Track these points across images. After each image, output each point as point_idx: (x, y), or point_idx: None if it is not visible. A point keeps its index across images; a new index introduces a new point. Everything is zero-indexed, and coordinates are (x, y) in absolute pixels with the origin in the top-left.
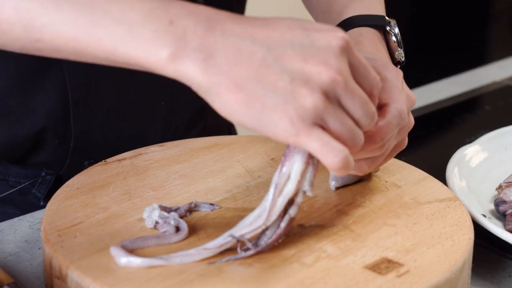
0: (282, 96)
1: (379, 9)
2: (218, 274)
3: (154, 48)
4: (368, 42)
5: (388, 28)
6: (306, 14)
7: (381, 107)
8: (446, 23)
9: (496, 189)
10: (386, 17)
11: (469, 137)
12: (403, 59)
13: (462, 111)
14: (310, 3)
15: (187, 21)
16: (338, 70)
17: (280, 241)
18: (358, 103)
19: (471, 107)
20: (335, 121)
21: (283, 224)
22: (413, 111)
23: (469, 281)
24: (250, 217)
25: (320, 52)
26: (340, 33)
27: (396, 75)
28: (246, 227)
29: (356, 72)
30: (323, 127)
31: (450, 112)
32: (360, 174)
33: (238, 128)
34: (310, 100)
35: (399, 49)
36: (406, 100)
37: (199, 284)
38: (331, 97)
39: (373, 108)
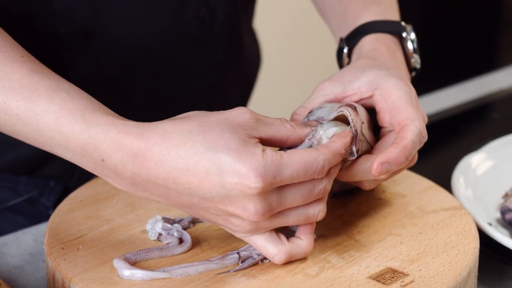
0: (215, 221)
1: (393, 15)
2: (221, 286)
3: (100, 175)
4: (385, 49)
5: (404, 34)
6: (314, 14)
7: (402, 127)
8: (453, 30)
9: (502, 197)
10: (402, 23)
11: (476, 145)
12: (419, 66)
13: (469, 118)
14: (324, 9)
15: (115, 162)
16: (257, 214)
17: None
18: (297, 203)
19: (478, 114)
20: (276, 225)
21: None
22: None
23: None
24: None
25: (236, 200)
26: (254, 182)
27: (409, 92)
28: (254, 249)
29: (291, 184)
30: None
31: (456, 120)
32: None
33: None
34: (240, 228)
35: (415, 55)
36: (422, 117)
37: None
38: (261, 223)
39: (318, 189)
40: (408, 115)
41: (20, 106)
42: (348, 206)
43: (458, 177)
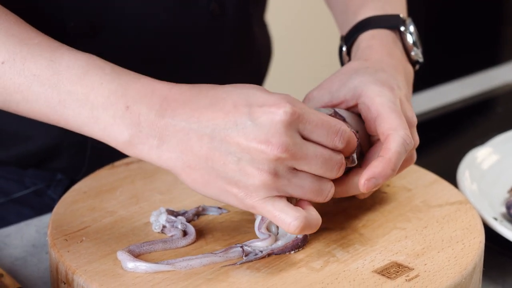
0: (231, 177)
1: (397, 8)
2: (225, 279)
3: (113, 134)
4: (380, 46)
5: (402, 28)
6: (324, 10)
7: (386, 138)
8: (457, 24)
9: (508, 191)
10: (401, 16)
11: (481, 140)
12: (420, 59)
13: (473, 113)
14: (330, 4)
15: (140, 106)
16: (281, 147)
17: (292, 252)
18: (315, 165)
19: (482, 109)
20: (291, 188)
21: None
22: (424, 114)
23: (480, 285)
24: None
25: (262, 130)
26: (284, 107)
27: (392, 99)
28: (259, 244)
29: (313, 135)
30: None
31: (461, 114)
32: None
33: None
34: (258, 179)
35: (415, 48)
36: (406, 124)
37: None
38: (280, 172)
39: (336, 160)
40: (390, 124)
41: (40, 65)
42: (352, 200)
43: (464, 171)
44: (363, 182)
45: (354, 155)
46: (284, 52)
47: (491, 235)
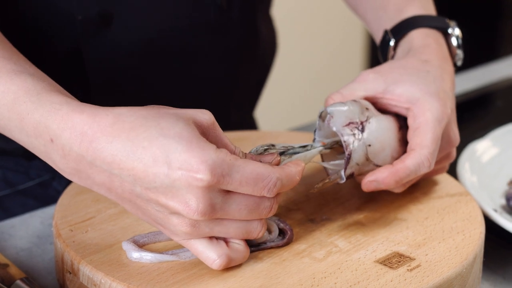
0: (155, 219)
1: (432, 9)
2: (229, 269)
3: (50, 162)
4: (436, 45)
5: (450, 30)
6: (330, 4)
7: (409, 151)
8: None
9: (507, 184)
10: (446, 19)
11: (481, 133)
12: (460, 62)
13: (473, 106)
14: (357, 0)
15: (62, 141)
16: (198, 212)
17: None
18: (239, 216)
19: (482, 102)
20: (215, 233)
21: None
22: None
23: (481, 276)
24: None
25: (180, 193)
26: (202, 173)
27: (440, 118)
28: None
29: (239, 191)
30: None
31: (461, 108)
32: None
33: (259, 125)
34: (179, 229)
35: (458, 51)
36: (435, 149)
37: (210, 278)
38: (201, 225)
39: (264, 206)
40: (421, 141)
41: None
42: (354, 191)
43: (464, 163)
44: (365, 182)
45: (342, 172)
46: (289, 46)
47: (491, 226)
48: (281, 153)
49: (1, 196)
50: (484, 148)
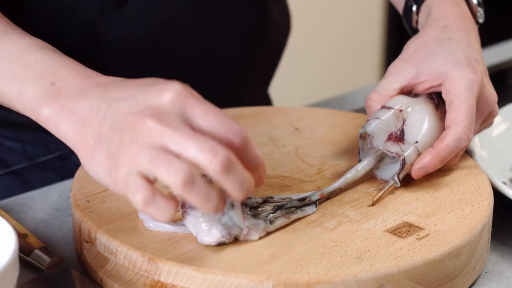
0: (114, 151)
1: None
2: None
3: (34, 107)
4: (453, 7)
5: None
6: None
7: (446, 129)
8: None
9: None
10: None
11: None
12: (482, 20)
13: None
14: None
15: (65, 84)
16: (171, 101)
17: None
18: (194, 147)
19: (493, 80)
20: (167, 170)
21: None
22: None
23: (489, 246)
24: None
25: (145, 104)
26: (173, 87)
27: (471, 85)
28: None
29: (200, 119)
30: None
31: None
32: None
33: (274, 101)
34: (151, 125)
35: (479, 9)
36: (472, 118)
37: (223, 247)
38: (160, 152)
39: (214, 146)
40: (455, 117)
41: None
42: None
43: (474, 138)
44: (414, 171)
45: (396, 177)
46: (306, 21)
47: (500, 199)
48: (280, 207)
49: (21, 168)
50: (495, 123)
